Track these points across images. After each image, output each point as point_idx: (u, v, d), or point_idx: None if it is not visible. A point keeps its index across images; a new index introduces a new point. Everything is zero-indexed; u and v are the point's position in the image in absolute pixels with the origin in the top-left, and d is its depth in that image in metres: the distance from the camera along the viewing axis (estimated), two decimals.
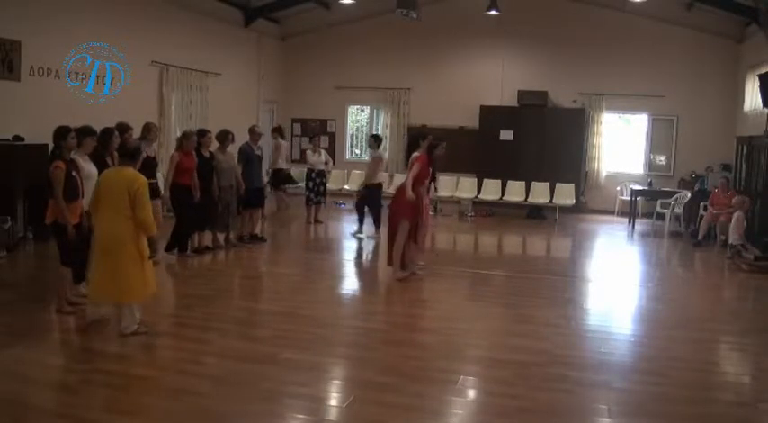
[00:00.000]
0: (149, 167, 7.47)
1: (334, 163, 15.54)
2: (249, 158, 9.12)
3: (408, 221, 7.26)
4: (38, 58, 9.09)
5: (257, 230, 9.59)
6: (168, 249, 8.05)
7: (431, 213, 9.59)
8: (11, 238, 8.13)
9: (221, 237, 8.90)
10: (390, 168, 15.16)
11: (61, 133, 5.83)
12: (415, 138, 7.95)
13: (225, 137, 8.75)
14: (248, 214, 9.28)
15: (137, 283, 5.12)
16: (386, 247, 7.62)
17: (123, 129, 7.07)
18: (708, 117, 13.82)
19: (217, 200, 8.45)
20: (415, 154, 7.47)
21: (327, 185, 12.12)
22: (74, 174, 5.70)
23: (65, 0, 9.69)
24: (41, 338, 5.20)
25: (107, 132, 6.57)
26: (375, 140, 10.58)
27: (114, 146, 6.42)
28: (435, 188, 8.39)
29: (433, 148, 7.51)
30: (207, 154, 8.37)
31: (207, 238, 8.63)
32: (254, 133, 9.43)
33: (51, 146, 5.99)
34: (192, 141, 8.04)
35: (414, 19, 12.45)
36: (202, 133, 8.41)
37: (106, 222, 5.12)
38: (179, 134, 11.83)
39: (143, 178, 5.18)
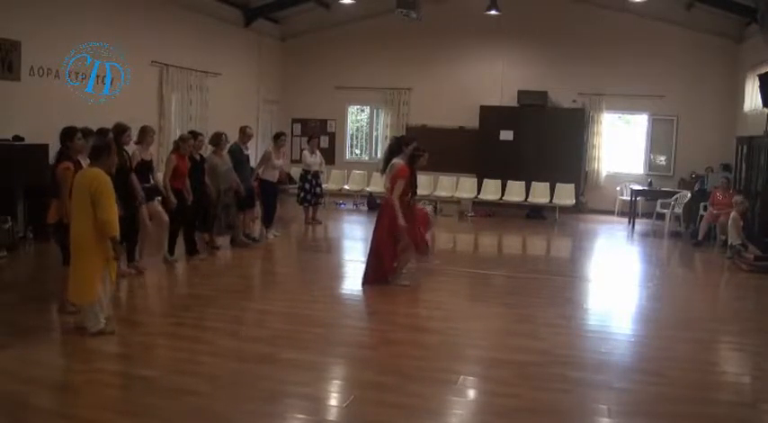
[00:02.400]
0: (145, 171, 7.44)
1: (334, 163, 15.72)
2: (239, 159, 9.07)
3: (405, 233, 7.02)
4: (38, 58, 9.09)
5: (249, 231, 9.56)
6: (171, 253, 8.04)
7: (430, 213, 9.50)
8: (11, 238, 8.13)
9: (219, 239, 8.90)
10: (380, 168, 15.16)
11: (68, 134, 5.79)
12: (398, 142, 7.49)
13: (219, 139, 8.71)
14: (240, 215, 9.27)
15: (85, 284, 5.10)
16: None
17: (121, 129, 7.02)
18: (708, 117, 13.82)
19: (214, 202, 8.44)
20: (396, 161, 7.12)
21: (327, 186, 12.09)
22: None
23: (65, 0, 9.68)
24: (41, 338, 5.20)
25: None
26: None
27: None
28: (412, 199, 7.55)
29: (416, 158, 7.15)
30: (198, 157, 8.28)
31: (199, 241, 8.59)
32: (244, 134, 9.37)
33: (56, 146, 5.96)
34: (189, 145, 7.97)
35: (414, 19, 12.45)
36: (194, 135, 8.30)
37: (74, 222, 5.16)
38: (179, 135, 11.90)
39: (103, 177, 5.11)
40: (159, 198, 7.78)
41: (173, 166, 7.73)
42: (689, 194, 12.04)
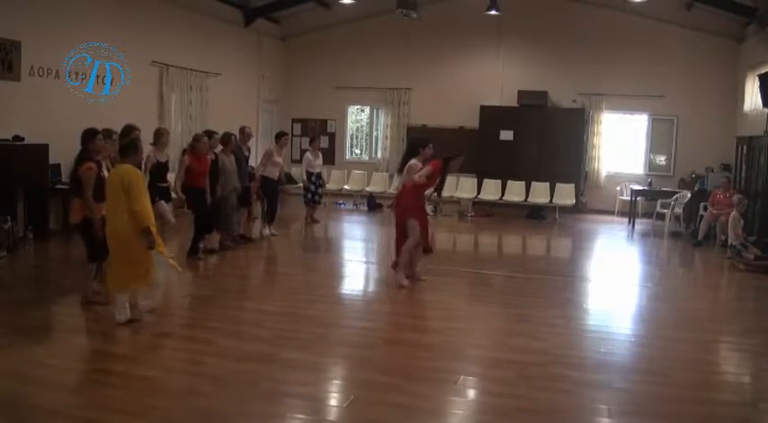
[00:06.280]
0: (160, 171, 7.59)
1: (334, 163, 15.77)
2: (238, 159, 9.06)
3: (416, 220, 7.04)
4: (38, 58, 9.08)
5: (245, 231, 9.51)
6: (192, 253, 8.04)
7: (430, 213, 9.50)
8: (11, 238, 8.13)
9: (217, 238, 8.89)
10: (391, 169, 15.18)
11: (90, 135, 5.89)
12: (414, 144, 7.50)
13: (229, 140, 8.74)
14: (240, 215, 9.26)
15: (121, 275, 5.35)
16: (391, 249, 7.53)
17: (127, 130, 7.04)
18: (708, 117, 13.82)
19: (223, 202, 8.45)
20: (413, 161, 7.12)
21: (327, 186, 12.10)
22: (102, 175, 5.82)
23: (65, 0, 9.68)
24: (41, 338, 5.20)
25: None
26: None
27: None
28: (439, 195, 7.72)
29: (451, 160, 7.15)
30: (212, 156, 8.33)
31: (215, 240, 8.60)
32: (243, 134, 9.40)
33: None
34: (204, 143, 8.02)
35: (414, 19, 12.46)
36: (209, 135, 8.40)
37: (110, 218, 5.41)
38: (179, 134, 11.91)
39: (134, 172, 5.38)
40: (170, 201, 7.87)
41: (185, 166, 7.85)
42: (689, 194, 12.04)
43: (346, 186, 15.08)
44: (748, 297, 7.90)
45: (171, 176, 8.28)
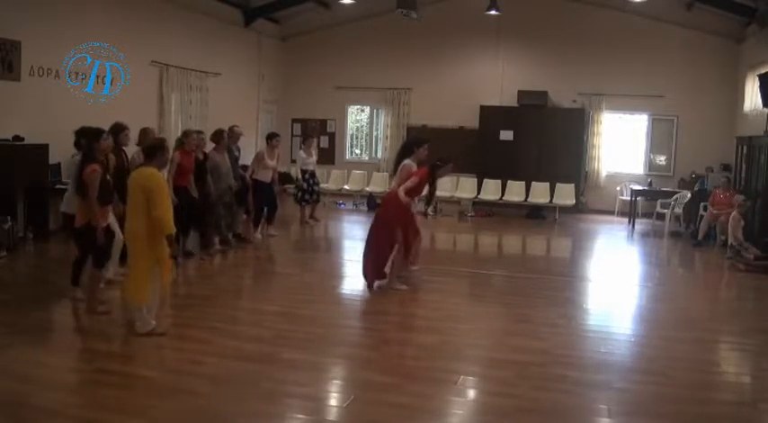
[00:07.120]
0: None
1: (334, 163, 15.77)
2: (230, 159, 9.01)
3: (399, 228, 6.91)
4: (38, 58, 9.08)
5: (242, 232, 9.49)
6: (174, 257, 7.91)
7: (431, 213, 9.43)
8: (11, 238, 8.13)
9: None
10: (390, 169, 15.16)
11: (94, 135, 5.75)
12: (410, 144, 7.36)
13: (220, 136, 8.66)
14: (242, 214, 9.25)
15: (138, 284, 5.13)
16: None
17: (118, 129, 6.91)
18: (708, 117, 13.82)
19: (215, 202, 8.39)
20: (407, 162, 7.05)
21: (327, 186, 12.06)
22: (108, 177, 5.74)
23: (65, 0, 9.68)
24: (41, 338, 5.20)
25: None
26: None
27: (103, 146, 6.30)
28: (428, 204, 7.60)
29: (438, 168, 6.98)
30: (201, 155, 8.25)
31: (194, 241, 8.50)
32: (233, 133, 9.26)
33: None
34: (193, 140, 7.92)
35: (414, 19, 12.46)
36: (198, 134, 8.28)
37: (129, 221, 5.23)
38: (179, 134, 11.89)
39: (158, 176, 5.18)
40: None
41: (176, 163, 7.67)
42: (689, 194, 12.04)
43: (346, 186, 15.07)
44: (748, 297, 7.91)
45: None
